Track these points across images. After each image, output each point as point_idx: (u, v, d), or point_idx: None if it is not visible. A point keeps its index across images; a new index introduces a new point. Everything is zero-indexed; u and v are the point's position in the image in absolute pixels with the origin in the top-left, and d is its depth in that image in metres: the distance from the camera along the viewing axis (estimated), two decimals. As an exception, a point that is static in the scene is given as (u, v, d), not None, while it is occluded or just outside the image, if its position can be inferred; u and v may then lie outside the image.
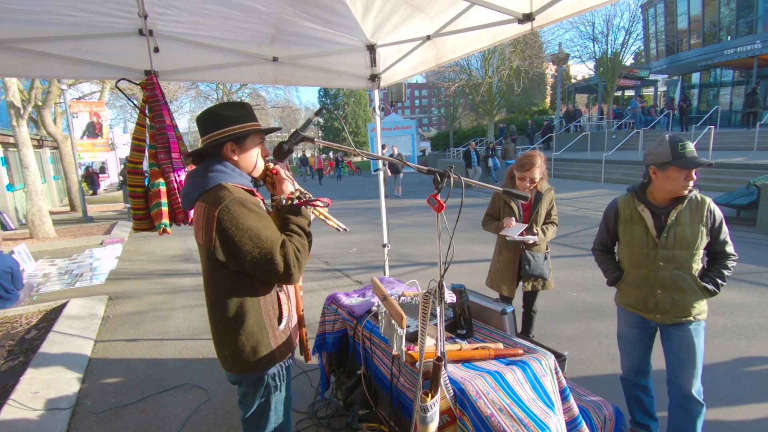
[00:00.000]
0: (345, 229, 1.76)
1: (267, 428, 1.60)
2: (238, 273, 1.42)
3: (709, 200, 2.00)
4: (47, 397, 2.92)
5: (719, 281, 1.99)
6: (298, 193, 1.53)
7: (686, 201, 1.98)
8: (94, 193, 21.46)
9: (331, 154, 29.96)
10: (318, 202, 1.54)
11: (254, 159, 1.56)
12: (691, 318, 2.02)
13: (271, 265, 1.34)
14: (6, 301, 4.71)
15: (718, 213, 1.99)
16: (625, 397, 2.36)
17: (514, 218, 2.83)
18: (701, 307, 2.03)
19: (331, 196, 15.56)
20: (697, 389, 2.04)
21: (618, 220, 2.18)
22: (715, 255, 2.02)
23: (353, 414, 2.24)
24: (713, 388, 2.71)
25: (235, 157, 1.51)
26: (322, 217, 1.72)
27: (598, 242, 2.32)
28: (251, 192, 1.49)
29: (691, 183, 1.95)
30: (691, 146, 1.92)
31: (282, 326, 1.54)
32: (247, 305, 1.44)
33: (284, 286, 1.58)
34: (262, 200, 1.56)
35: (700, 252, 2.00)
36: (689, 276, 2.00)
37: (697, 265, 2.01)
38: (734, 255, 2.01)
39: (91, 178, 22.16)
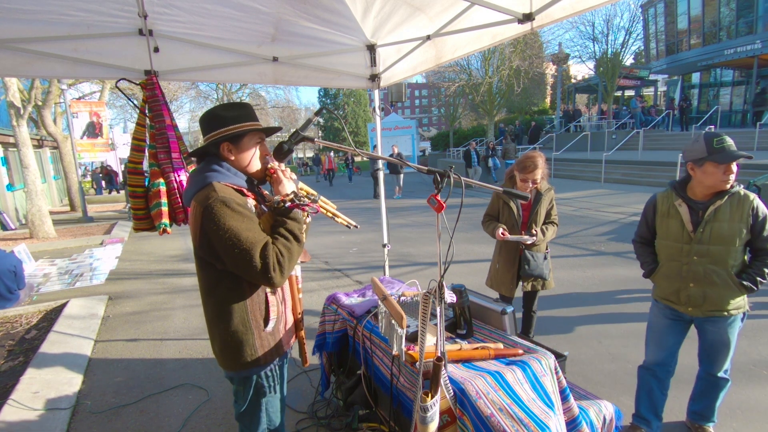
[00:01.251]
0: (355, 227, 1.75)
1: (259, 428, 1.62)
2: (225, 271, 1.43)
3: (753, 196, 1.97)
4: (47, 397, 2.92)
5: (758, 278, 1.98)
6: (291, 196, 1.51)
7: (726, 197, 1.98)
8: (117, 192, 20.45)
9: (332, 153, 29.88)
10: (308, 208, 1.51)
11: (251, 158, 1.56)
12: (725, 313, 2.04)
13: (249, 266, 1.35)
14: (7, 300, 4.71)
15: (762, 210, 1.96)
16: (636, 387, 2.39)
17: (507, 232, 2.82)
18: (737, 303, 2.04)
19: (331, 196, 15.56)
20: (723, 369, 2.14)
21: (656, 214, 2.21)
22: (758, 252, 2.01)
23: (353, 414, 2.24)
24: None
25: (232, 157, 1.52)
26: (329, 214, 1.71)
27: (637, 234, 2.35)
28: (242, 192, 1.48)
29: (732, 177, 1.95)
30: (728, 141, 1.92)
31: (269, 328, 1.54)
32: (232, 304, 1.46)
33: (276, 288, 1.57)
34: (255, 200, 1.55)
35: (739, 248, 1.99)
36: (724, 271, 2.00)
37: (734, 261, 2.00)
38: None
39: (109, 176, 21.06)
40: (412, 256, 6.54)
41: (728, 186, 1.97)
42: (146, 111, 2.76)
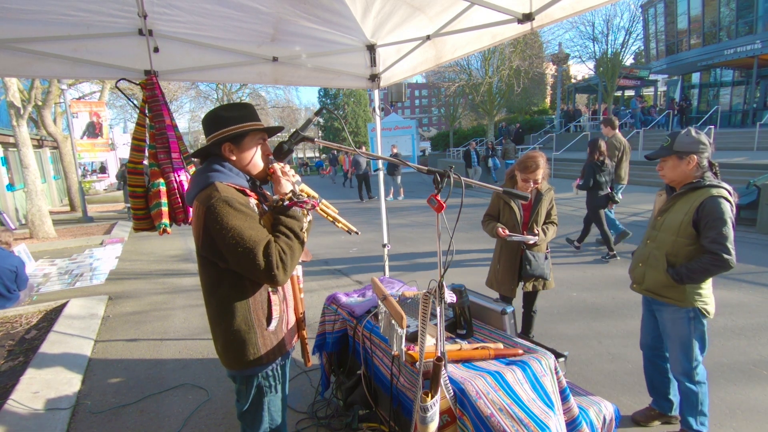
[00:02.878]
0: (356, 233, 1.75)
1: (261, 427, 1.62)
2: (227, 270, 1.44)
3: (712, 194, 1.97)
4: (47, 397, 2.92)
5: (684, 272, 2.03)
6: (290, 194, 1.52)
7: (687, 189, 2.07)
8: None
9: (334, 152, 29.70)
10: (306, 205, 1.52)
11: (253, 158, 1.57)
12: (662, 299, 2.15)
13: (252, 264, 1.36)
14: (6, 300, 4.71)
15: (712, 211, 1.95)
16: None
17: (506, 229, 2.83)
18: (676, 294, 2.10)
19: (333, 196, 15.51)
20: (681, 372, 2.18)
21: None
22: (701, 249, 2.03)
23: (353, 414, 2.24)
24: (712, 390, 2.70)
25: (233, 157, 1.54)
26: (330, 218, 1.70)
27: None
28: (244, 191, 1.49)
29: (660, 172, 2.14)
30: (673, 136, 2.08)
31: (272, 327, 1.55)
32: (234, 303, 1.47)
33: (279, 286, 1.58)
34: (257, 199, 1.56)
35: (682, 240, 2.06)
36: (662, 258, 2.13)
37: (674, 251, 2.09)
38: (718, 255, 1.94)
39: None
40: (412, 256, 6.54)
41: (664, 180, 2.14)
42: (146, 111, 2.76)
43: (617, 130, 6.22)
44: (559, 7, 2.11)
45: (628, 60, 25.51)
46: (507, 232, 2.79)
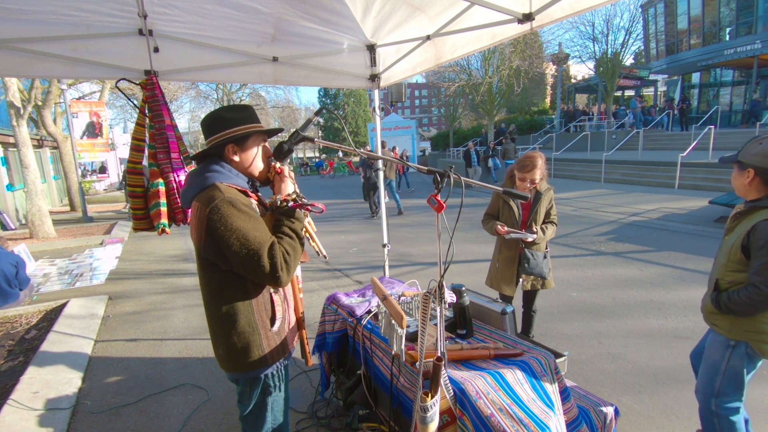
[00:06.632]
0: (324, 257, 1.75)
1: (264, 428, 1.62)
2: (229, 272, 1.42)
3: (765, 219, 1.68)
4: (47, 397, 2.92)
5: (725, 301, 1.80)
6: (294, 195, 1.51)
7: (749, 208, 1.80)
8: None
9: (340, 154, 29.76)
10: (311, 207, 1.51)
11: (255, 159, 1.57)
12: (712, 326, 1.95)
13: (257, 266, 1.34)
14: (8, 296, 4.69)
15: (761, 236, 1.67)
16: None
17: (505, 227, 2.82)
18: (722, 324, 1.88)
19: (335, 195, 15.49)
20: (698, 390, 2.01)
21: None
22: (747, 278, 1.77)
23: (353, 414, 2.24)
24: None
25: (236, 158, 1.52)
26: (308, 234, 1.70)
27: None
28: (245, 192, 1.48)
29: (733, 182, 1.86)
30: (750, 141, 1.82)
31: (275, 328, 1.54)
32: (238, 305, 1.45)
33: (282, 288, 1.57)
34: (257, 201, 1.55)
35: (733, 266, 1.80)
36: (713, 281, 1.92)
37: (722, 277, 1.85)
38: (759, 289, 1.68)
39: None
40: (412, 256, 6.54)
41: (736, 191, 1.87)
42: (146, 111, 2.76)
43: (391, 149, 10.61)
44: (559, 7, 2.11)
45: (628, 60, 25.50)
46: (506, 229, 2.79)
